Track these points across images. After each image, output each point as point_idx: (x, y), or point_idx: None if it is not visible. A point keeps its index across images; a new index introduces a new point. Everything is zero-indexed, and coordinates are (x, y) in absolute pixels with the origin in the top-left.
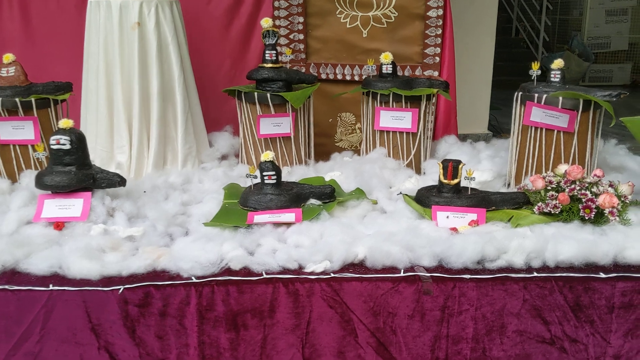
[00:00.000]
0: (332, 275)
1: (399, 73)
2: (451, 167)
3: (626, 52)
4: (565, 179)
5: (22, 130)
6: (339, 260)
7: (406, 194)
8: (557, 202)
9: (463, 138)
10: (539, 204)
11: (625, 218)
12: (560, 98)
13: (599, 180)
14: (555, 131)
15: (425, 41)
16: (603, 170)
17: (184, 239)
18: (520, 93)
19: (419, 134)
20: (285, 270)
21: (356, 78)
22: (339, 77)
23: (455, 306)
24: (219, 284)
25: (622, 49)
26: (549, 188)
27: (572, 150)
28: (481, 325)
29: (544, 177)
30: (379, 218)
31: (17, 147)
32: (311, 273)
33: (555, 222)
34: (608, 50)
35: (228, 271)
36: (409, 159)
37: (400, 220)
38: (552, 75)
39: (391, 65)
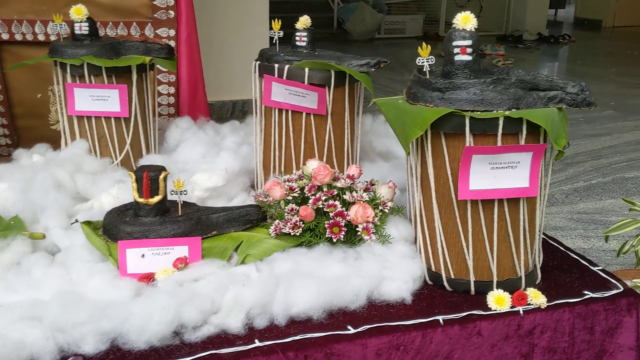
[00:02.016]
0: None
1: (115, 33)
2: (147, 179)
3: (417, 3)
4: (310, 184)
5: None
6: None
7: (86, 222)
8: (299, 218)
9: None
10: (276, 222)
11: (384, 234)
12: (306, 70)
13: (352, 183)
14: (304, 114)
15: None
16: (365, 163)
17: None
18: (258, 62)
19: (132, 119)
20: None
21: None
22: (41, 37)
23: None
24: None
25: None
26: (289, 198)
27: (327, 138)
28: None
29: (285, 182)
30: (37, 265)
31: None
32: None
33: (298, 248)
34: (401, 1)
35: None
36: (123, 155)
37: (72, 268)
38: (297, 39)
39: (87, 24)
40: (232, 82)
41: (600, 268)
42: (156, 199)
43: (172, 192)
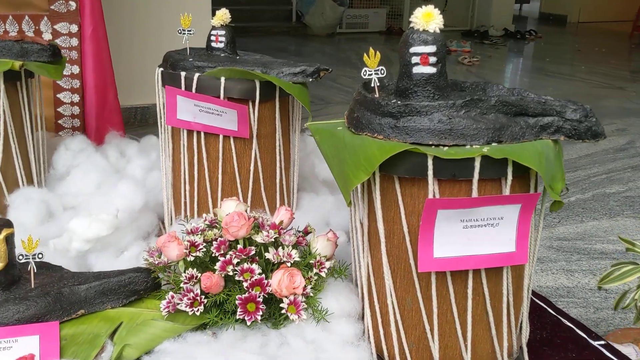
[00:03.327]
0: None
1: (2, 29)
2: None
3: None
4: (221, 238)
5: None
6: None
7: None
8: (200, 290)
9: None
10: (169, 294)
11: (319, 309)
12: (222, 80)
13: (278, 236)
14: (221, 136)
15: None
16: (304, 195)
17: None
18: (161, 70)
19: (0, 140)
20: None
21: None
22: None
23: None
24: None
25: None
26: (190, 259)
27: (253, 167)
28: None
29: (188, 234)
30: None
31: None
32: None
33: (198, 333)
34: None
35: None
36: None
37: None
38: (212, 39)
39: None
40: (147, 82)
41: (602, 343)
42: None
43: (21, 257)
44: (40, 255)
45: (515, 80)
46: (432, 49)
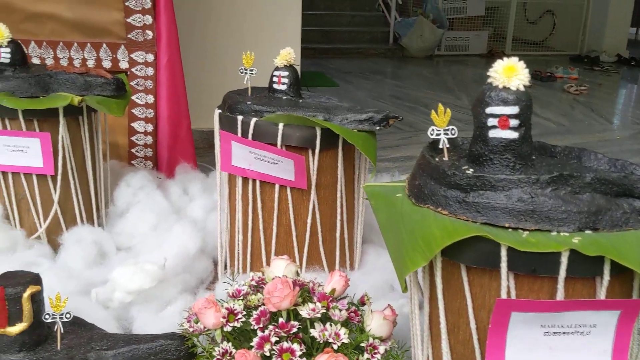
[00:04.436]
0: None
1: (82, 57)
2: (1, 300)
3: (483, 18)
4: (262, 307)
5: None
6: None
7: None
8: None
9: None
10: None
11: None
12: (280, 126)
13: (327, 309)
14: (277, 185)
15: (126, 4)
16: (370, 249)
17: None
18: (219, 112)
19: (59, 176)
20: None
21: None
22: None
23: None
24: None
25: (479, 14)
26: (228, 328)
27: (310, 220)
28: None
29: (229, 298)
30: None
31: None
32: None
33: None
34: (464, 16)
35: None
36: (49, 222)
37: None
38: (274, 80)
39: (8, 50)
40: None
41: None
42: (18, 327)
43: (48, 317)
44: (67, 316)
45: (627, 113)
46: (513, 110)
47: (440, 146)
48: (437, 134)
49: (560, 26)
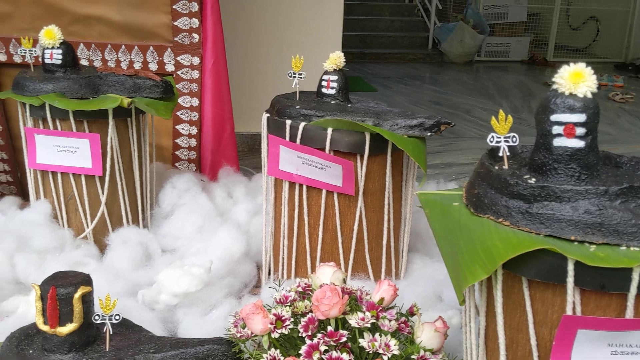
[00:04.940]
0: None
1: (129, 59)
2: (53, 300)
3: (525, 24)
4: (310, 315)
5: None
6: None
7: None
8: None
9: None
10: None
11: None
12: (329, 131)
13: (376, 319)
14: (324, 191)
15: (174, 7)
16: (416, 259)
17: None
18: (267, 115)
19: (107, 177)
20: None
21: None
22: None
23: None
24: None
25: (521, 20)
26: (275, 335)
27: (357, 226)
28: None
29: (276, 304)
30: None
31: None
32: None
33: None
34: (505, 22)
35: None
36: (95, 223)
37: None
38: (323, 84)
39: (60, 51)
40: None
41: None
42: (69, 328)
43: (97, 317)
44: (117, 317)
45: None
46: (580, 117)
47: (500, 154)
48: (497, 142)
49: (604, 33)
